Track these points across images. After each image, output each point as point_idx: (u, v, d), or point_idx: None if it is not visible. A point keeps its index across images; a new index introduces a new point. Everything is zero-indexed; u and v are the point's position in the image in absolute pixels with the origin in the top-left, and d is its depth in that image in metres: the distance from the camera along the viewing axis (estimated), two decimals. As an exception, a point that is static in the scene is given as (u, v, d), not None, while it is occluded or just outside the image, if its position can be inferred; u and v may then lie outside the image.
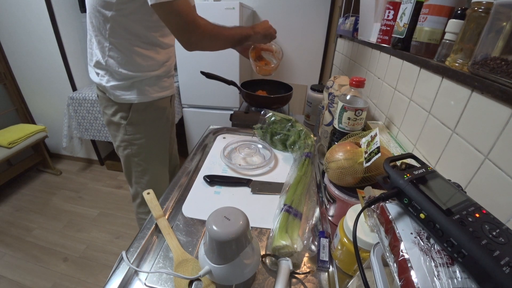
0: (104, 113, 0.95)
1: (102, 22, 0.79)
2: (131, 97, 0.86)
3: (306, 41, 1.97)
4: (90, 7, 0.83)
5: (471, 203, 0.30)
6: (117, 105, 0.88)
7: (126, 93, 0.86)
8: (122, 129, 0.91)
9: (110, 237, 1.60)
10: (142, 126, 0.92)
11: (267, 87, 1.48)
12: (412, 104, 0.65)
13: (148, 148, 0.96)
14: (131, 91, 0.86)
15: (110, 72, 0.84)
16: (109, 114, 0.91)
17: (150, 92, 0.89)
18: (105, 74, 0.85)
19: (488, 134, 0.40)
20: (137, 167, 0.98)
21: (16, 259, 1.45)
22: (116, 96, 0.86)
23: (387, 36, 0.79)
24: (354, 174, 0.52)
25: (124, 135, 0.92)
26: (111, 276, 0.47)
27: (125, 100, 0.87)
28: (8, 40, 1.88)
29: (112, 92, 0.86)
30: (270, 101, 1.29)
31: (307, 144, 0.82)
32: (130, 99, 0.86)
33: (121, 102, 0.87)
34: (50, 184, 2.07)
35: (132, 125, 0.91)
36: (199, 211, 0.64)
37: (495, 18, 0.39)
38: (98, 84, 0.90)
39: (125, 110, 0.89)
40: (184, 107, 1.91)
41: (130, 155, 0.96)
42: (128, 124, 0.90)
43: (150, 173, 1.00)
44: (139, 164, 0.98)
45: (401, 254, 0.27)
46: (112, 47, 0.81)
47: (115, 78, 0.84)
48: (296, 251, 0.49)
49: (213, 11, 1.53)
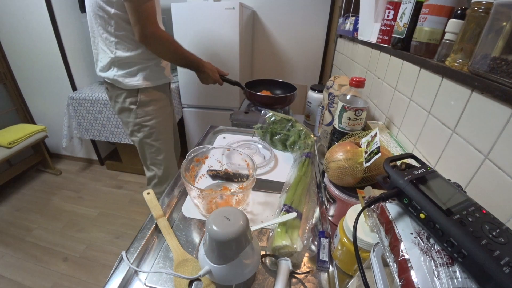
0: (115, 103, 1.08)
1: (107, 19, 0.91)
2: (138, 83, 1.00)
3: (306, 41, 1.97)
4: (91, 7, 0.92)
5: (471, 203, 0.30)
6: (126, 92, 1.02)
7: (133, 79, 0.99)
8: (133, 114, 1.05)
9: (110, 237, 1.60)
10: (150, 107, 1.05)
11: (270, 87, 1.49)
12: (412, 104, 0.65)
13: (158, 128, 1.10)
14: (138, 77, 1.00)
15: (118, 63, 0.97)
16: (120, 101, 1.05)
17: (154, 77, 1.03)
18: (114, 67, 0.99)
19: (488, 134, 0.40)
20: (150, 148, 1.13)
21: (16, 259, 1.45)
22: (125, 83, 0.99)
23: (387, 36, 0.79)
24: (354, 174, 0.52)
25: (136, 119, 1.06)
26: (111, 276, 0.47)
27: (133, 86, 1.00)
28: (8, 40, 1.88)
29: (121, 81, 0.99)
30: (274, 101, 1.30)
31: (307, 144, 0.82)
32: (137, 85, 1.00)
33: (130, 88, 1.00)
34: (50, 184, 2.07)
35: (141, 108, 1.04)
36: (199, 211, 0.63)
37: (495, 18, 0.39)
38: (107, 78, 1.02)
39: (133, 95, 1.03)
40: (184, 107, 1.91)
41: (143, 137, 1.10)
42: (138, 107, 1.04)
43: (163, 152, 1.15)
44: (152, 145, 1.12)
45: (401, 254, 0.27)
46: (118, 40, 0.94)
47: (122, 68, 0.98)
48: (296, 251, 0.49)
49: (213, 11, 1.53)
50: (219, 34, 1.59)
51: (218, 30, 1.57)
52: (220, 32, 1.58)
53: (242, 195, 0.59)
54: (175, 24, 1.61)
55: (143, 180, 2.11)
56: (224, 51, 1.64)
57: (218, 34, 1.59)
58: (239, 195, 0.59)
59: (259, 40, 2.04)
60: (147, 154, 1.15)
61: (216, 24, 1.56)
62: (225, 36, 1.58)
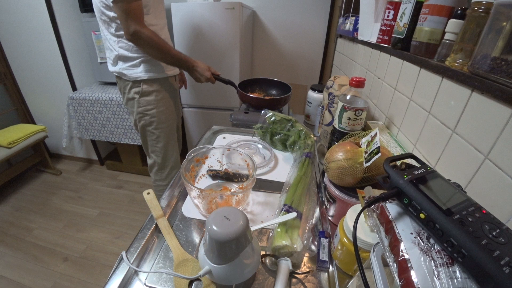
0: (123, 94, 1.18)
1: (108, 21, 1.00)
2: (140, 74, 1.09)
3: (306, 41, 1.97)
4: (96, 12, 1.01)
5: (471, 203, 0.30)
6: (131, 83, 1.11)
7: (136, 70, 1.09)
8: (136, 103, 1.14)
9: (110, 237, 1.60)
10: (152, 97, 1.14)
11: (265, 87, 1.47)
12: (412, 104, 0.65)
13: (159, 117, 1.18)
14: (140, 69, 1.08)
15: (123, 58, 1.08)
16: (126, 92, 1.15)
17: (155, 70, 1.11)
18: (119, 61, 1.09)
19: (488, 134, 0.40)
20: (151, 135, 1.21)
21: (16, 259, 1.45)
22: (129, 75, 1.09)
23: (387, 36, 0.79)
24: (354, 174, 0.52)
25: (138, 107, 1.15)
26: (111, 276, 0.47)
27: (136, 77, 1.09)
28: (8, 40, 1.88)
29: (125, 73, 1.09)
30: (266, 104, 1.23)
31: (307, 144, 0.82)
32: (140, 76, 1.09)
33: (134, 80, 1.10)
34: (50, 184, 2.07)
35: (143, 97, 1.13)
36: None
37: (495, 18, 0.39)
38: (115, 72, 1.13)
39: (137, 86, 1.12)
40: (184, 107, 1.91)
41: (144, 125, 1.19)
42: (141, 96, 1.13)
43: (163, 140, 1.23)
44: (152, 133, 1.20)
45: (401, 254, 0.27)
46: (119, 40, 1.04)
47: (126, 62, 1.08)
48: (296, 251, 0.49)
49: (213, 11, 1.53)
50: (219, 34, 1.59)
51: (218, 30, 1.57)
52: (220, 32, 1.58)
53: (242, 195, 0.59)
54: (175, 24, 1.61)
55: (143, 180, 2.11)
56: (224, 51, 1.64)
57: (218, 34, 1.59)
58: (239, 195, 0.59)
59: (259, 40, 2.04)
60: (148, 141, 1.24)
61: (216, 24, 1.56)
62: (225, 36, 1.58)
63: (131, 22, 0.91)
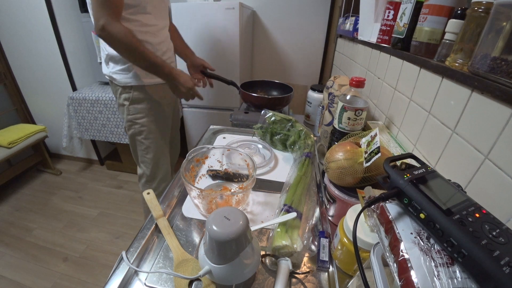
0: (116, 99, 1.09)
1: None
2: (130, 80, 1.00)
3: (306, 41, 1.97)
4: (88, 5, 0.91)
5: (471, 203, 0.30)
6: (121, 88, 1.02)
7: (127, 75, 1.00)
8: (126, 110, 1.05)
9: (110, 237, 1.60)
10: (142, 105, 1.05)
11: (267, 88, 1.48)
12: (412, 104, 0.65)
13: (149, 127, 1.08)
14: (131, 74, 0.99)
15: (114, 60, 0.99)
16: (117, 97, 1.06)
17: (147, 76, 1.00)
18: (110, 62, 1.00)
19: (488, 134, 0.40)
20: (140, 145, 1.12)
21: (16, 259, 1.45)
22: (119, 80, 1.00)
23: (387, 36, 0.79)
24: (354, 174, 0.52)
25: (128, 115, 1.06)
26: (111, 276, 0.47)
27: (126, 83, 1.01)
28: (8, 40, 1.87)
29: (115, 77, 1.01)
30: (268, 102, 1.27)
31: (307, 144, 0.82)
32: (130, 82, 1.00)
33: (124, 85, 1.01)
34: (50, 184, 2.07)
35: (133, 105, 1.04)
36: (199, 211, 0.63)
37: (495, 18, 0.39)
38: (106, 75, 1.04)
39: (127, 92, 1.02)
40: (184, 107, 1.91)
41: (134, 134, 1.09)
42: (131, 104, 1.04)
43: (153, 151, 1.13)
44: (142, 142, 1.11)
45: (401, 254, 0.27)
46: None
47: (117, 64, 0.99)
48: (296, 251, 0.49)
49: (213, 11, 1.53)
50: (219, 34, 1.58)
51: (218, 30, 1.57)
52: (220, 32, 1.58)
53: (242, 195, 0.60)
54: (175, 24, 1.61)
55: (143, 180, 2.11)
56: (224, 51, 1.63)
57: (218, 34, 1.59)
58: (239, 195, 0.59)
59: (259, 40, 2.04)
60: (138, 151, 1.16)
61: (216, 24, 1.56)
62: (225, 36, 1.58)
63: (103, 14, 0.79)
